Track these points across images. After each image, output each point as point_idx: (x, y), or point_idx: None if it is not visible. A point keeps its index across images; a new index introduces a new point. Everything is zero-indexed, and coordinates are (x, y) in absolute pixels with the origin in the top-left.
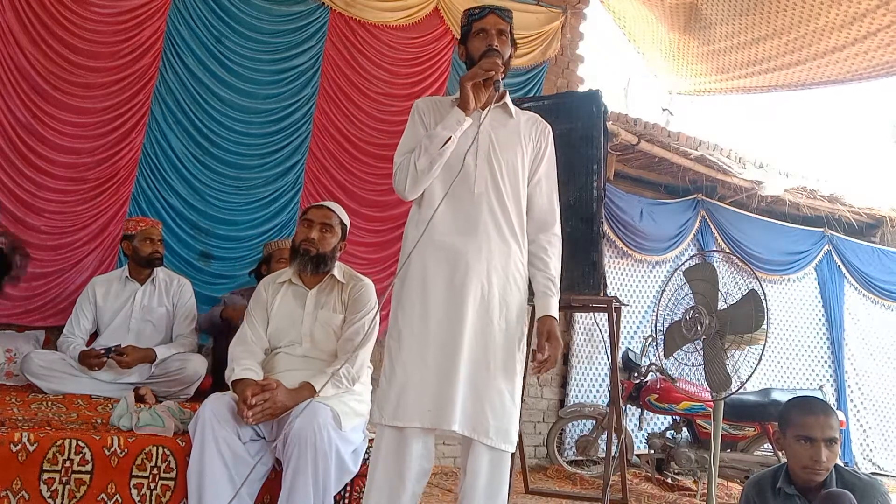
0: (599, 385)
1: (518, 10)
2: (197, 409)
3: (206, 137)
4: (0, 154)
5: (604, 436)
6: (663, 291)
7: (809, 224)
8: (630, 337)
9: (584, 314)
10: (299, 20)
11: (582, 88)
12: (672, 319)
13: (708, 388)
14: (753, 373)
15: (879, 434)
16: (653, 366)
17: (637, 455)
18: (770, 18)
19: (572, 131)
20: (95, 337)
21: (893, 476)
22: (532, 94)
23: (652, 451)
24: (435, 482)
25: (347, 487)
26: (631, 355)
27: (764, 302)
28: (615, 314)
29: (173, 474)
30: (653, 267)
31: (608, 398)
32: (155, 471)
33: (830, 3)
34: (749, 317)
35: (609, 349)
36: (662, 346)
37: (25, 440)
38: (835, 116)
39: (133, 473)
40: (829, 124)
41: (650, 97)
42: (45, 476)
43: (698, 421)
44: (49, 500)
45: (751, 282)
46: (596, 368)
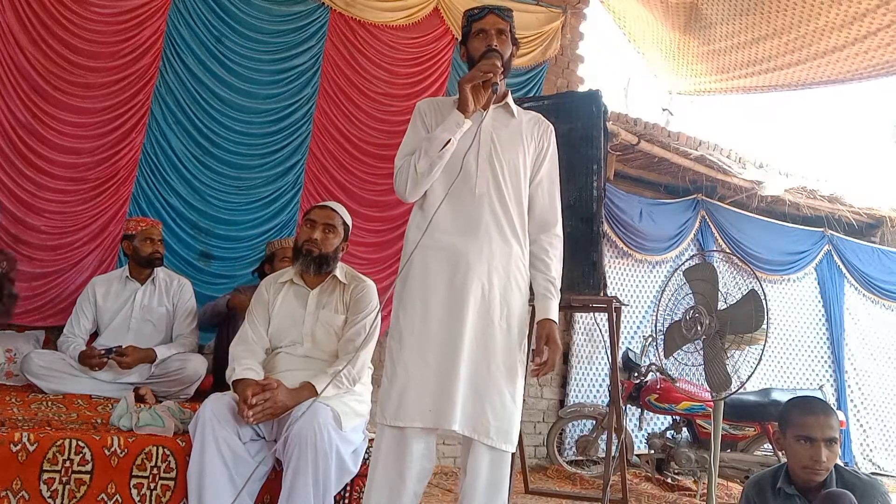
0: (599, 385)
1: (518, 10)
2: (197, 409)
3: (206, 137)
4: (0, 154)
5: (604, 436)
6: (663, 291)
7: (809, 224)
8: (630, 337)
9: (584, 314)
10: (299, 20)
11: (582, 88)
12: (672, 319)
13: (708, 388)
14: (753, 373)
15: (879, 434)
16: (653, 366)
17: (637, 455)
18: (770, 18)
19: (572, 131)
20: (95, 337)
21: (893, 476)
22: (532, 94)
23: (652, 451)
24: (435, 482)
25: (347, 487)
26: (631, 355)
27: (764, 302)
28: (615, 314)
29: (173, 474)
30: (653, 267)
31: (608, 398)
32: (155, 471)
33: (831, 3)
34: (749, 317)
35: (609, 349)
36: (662, 346)
37: (25, 440)
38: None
39: (133, 473)
40: (829, 124)
41: (650, 97)
42: (45, 476)
43: (698, 421)
44: (49, 500)
45: (751, 282)
46: (596, 368)
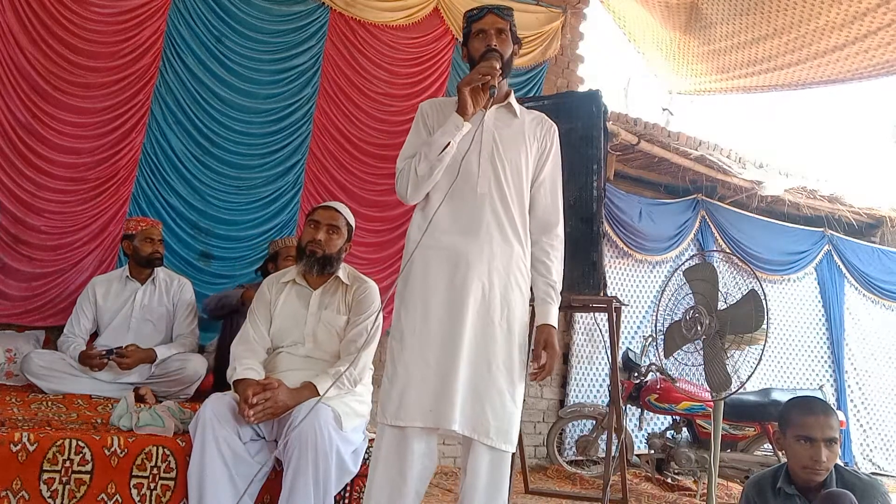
0: (599, 385)
1: (518, 10)
2: (197, 409)
3: (207, 137)
4: (0, 154)
5: (604, 436)
6: (663, 291)
7: (809, 224)
8: (630, 337)
9: (584, 314)
10: (299, 20)
11: (582, 88)
12: (672, 319)
13: (708, 388)
14: (753, 373)
15: (879, 434)
16: (653, 366)
17: (637, 455)
18: (770, 18)
19: (572, 131)
20: (95, 337)
21: (893, 476)
22: (532, 94)
23: (652, 451)
24: (435, 482)
25: (347, 488)
26: (631, 355)
27: (764, 302)
28: (615, 314)
29: (173, 474)
30: (653, 267)
31: (608, 398)
32: (155, 471)
33: (831, 3)
34: (749, 317)
35: (609, 349)
36: (662, 346)
37: (25, 440)
38: (835, 116)
39: (133, 473)
40: (829, 124)
41: (650, 97)
42: (45, 476)
43: (698, 421)
44: (49, 500)
45: (751, 282)
46: (596, 368)
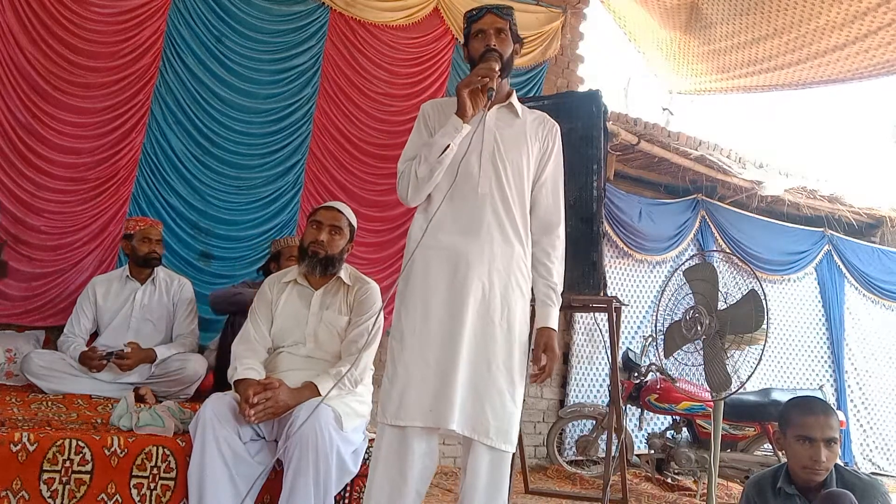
0: (599, 385)
1: (518, 10)
2: (197, 409)
3: (207, 137)
4: (0, 154)
5: (604, 436)
6: (663, 291)
7: (809, 224)
8: (630, 337)
9: (584, 314)
10: (299, 20)
11: (582, 88)
12: (672, 319)
13: (708, 388)
14: (753, 373)
15: (879, 434)
16: (653, 366)
17: (637, 455)
18: (771, 17)
19: (572, 131)
20: (95, 336)
21: (893, 476)
22: (532, 94)
23: (652, 451)
24: (435, 482)
25: (347, 488)
26: (631, 355)
27: (764, 302)
28: (615, 314)
29: (173, 474)
30: (653, 267)
31: (608, 398)
32: (155, 471)
33: (831, 3)
34: (749, 317)
35: (609, 349)
36: (662, 346)
37: (25, 440)
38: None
39: (133, 473)
40: (829, 124)
41: (650, 97)
42: (45, 476)
43: (698, 421)
44: (49, 500)
45: (751, 282)
46: (596, 368)
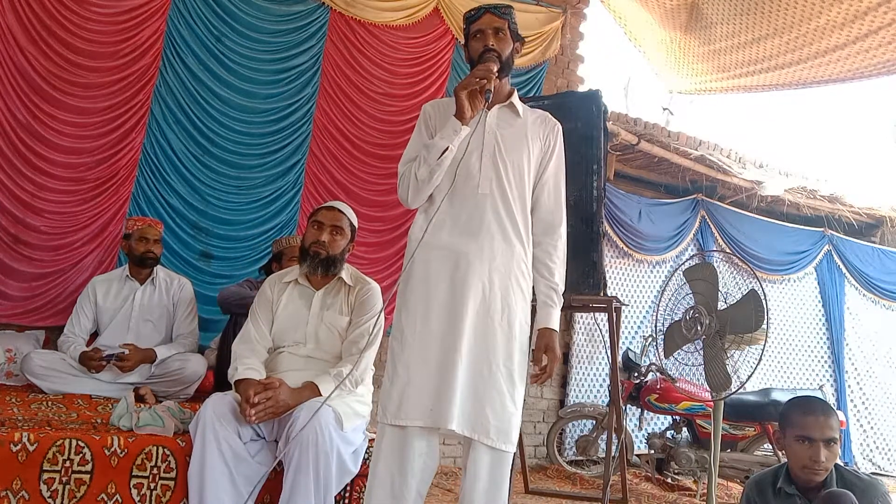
0: (599, 385)
1: (518, 10)
2: (197, 409)
3: (207, 137)
4: (0, 154)
5: (604, 436)
6: (663, 291)
7: (809, 224)
8: (630, 337)
9: (584, 314)
10: (299, 20)
11: (582, 88)
12: (672, 319)
13: (708, 388)
14: (753, 373)
15: (879, 434)
16: (653, 366)
17: (637, 455)
18: (771, 17)
19: (572, 131)
20: (96, 336)
21: (893, 476)
22: (532, 94)
23: (652, 451)
24: (435, 482)
25: (347, 488)
26: (631, 355)
27: (764, 302)
28: (615, 314)
29: (173, 474)
30: (653, 267)
31: (608, 398)
32: (155, 471)
33: (832, 2)
34: (749, 317)
35: (609, 349)
36: (662, 346)
37: (25, 440)
38: (835, 116)
39: (133, 473)
40: (829, 124)
41: (650, 97)
42: (45, 476)
43: (698, 421)
44: (49, 500)
45: (751, 282)
46: (596, 368)
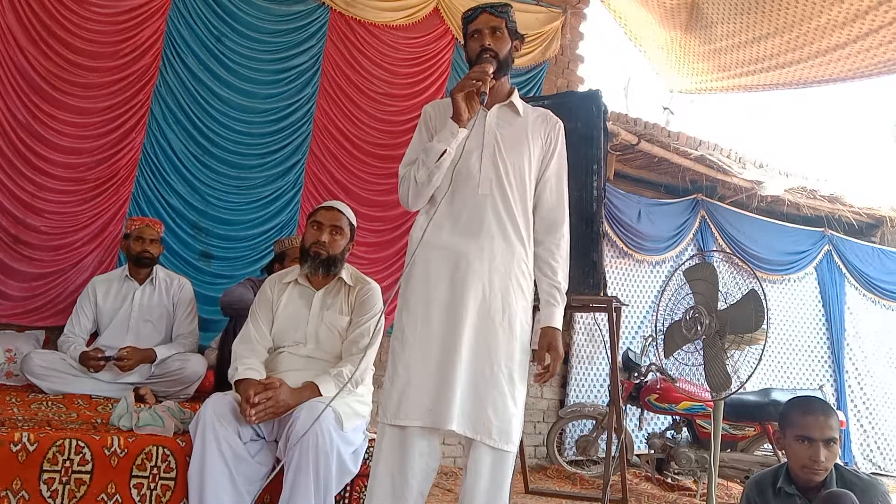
0: (599, 385)
1: (518, 10)
2: (197, 409)
3: (207, 137)
4: (0, 154)
5: (604, 436)
6: (663, 291)
7: (809, 224)
8: (630, 337)
9: (584, 314)
10: (299, 20)
11: (582, 88)
12: (672, 319)
13: (708, 388)
14: (753, 373)
15: (880, 434)
16: (653, 366)
17: (637, 455)
18: (771, 16)
19: (572, 131)
20: (96, 336)
21: (893, 476)
22: (532, 94)
23: (652, 451)
24: (435, 482)
25: (347, 488)
26: (631, 355)
27: (764, 302)
28: (615, 314)
29: (173, 474)
30: (653, 267)
31: (608, 398)
32: (155, 471)
33: (832, 1)
34: (749, 317)
35: (609, 349)
36: (662, 346)
37: (25, 440)
38: (835, 115)
39: (133, 473)
40: (830, 123)
41: (650, 97)
42: (45, 476)
43: (698, 421)
44: (49, 500)
45: (751, 282)
46: (596, 368)
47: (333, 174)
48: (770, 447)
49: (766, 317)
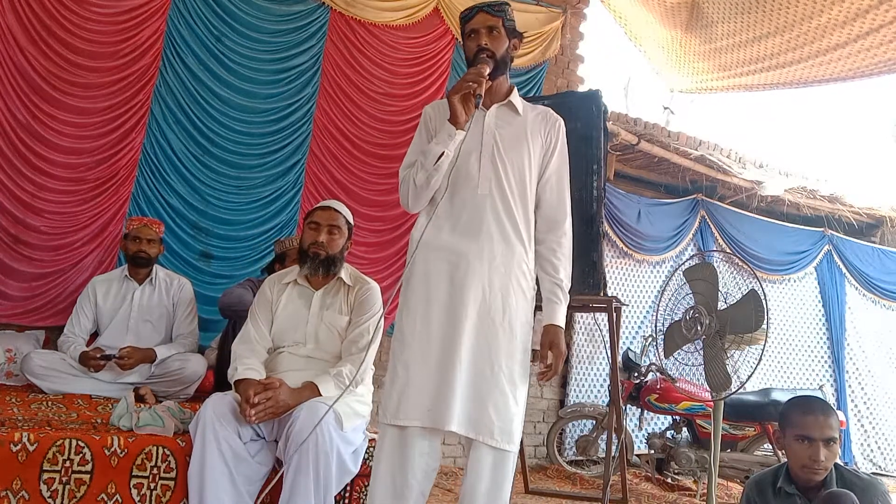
0: (599, 385)
1: (518, 10)
2: (197, 409)
3: (207, 137)
4: (0, 154)
5: (604, 436)
6: (663, 291)
7: (809, 224)
8: (630, 337)
9: (584, 314)
10: (299, 20)
11: (582, 88)
12: (672, 319)
13: (708, 388)
14: (753, 373)
15: (880, 434)
16: (653, 366)
17: (637, 455)
18: (772, 16)
19: (572, 131)
20: (96, 336)
21: (893, 476)
22: (532, 94)
23: (652, 451)
24: (435, 482)
25: (347, 488)
26: (631, 355)
27: (764, 302)
28: (615, 314)
29: (173, 474)
30: (653, 267)
31: (608, 398)
32: (155, 471)
33: (833, 0)
34: (749, 317)
35: (609, 349)
36: (662, 346)
37: (25, 440)
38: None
39: (133, 473)
40: (830, 123)
41: (650, 97)
42: (45, 476)
43: (698, 421)
44: (49, 500)
45: (751, 282)
46: (596, 368)
47: (333, 174)
48: (770, 447)
49: (766, 317)
